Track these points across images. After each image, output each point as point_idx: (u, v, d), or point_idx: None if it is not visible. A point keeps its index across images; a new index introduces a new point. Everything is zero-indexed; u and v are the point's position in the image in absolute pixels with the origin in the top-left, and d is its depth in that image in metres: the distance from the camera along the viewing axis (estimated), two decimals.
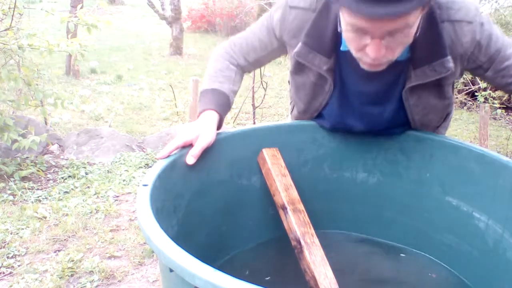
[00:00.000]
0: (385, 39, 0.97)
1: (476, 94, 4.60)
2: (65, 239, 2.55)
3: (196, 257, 0.69)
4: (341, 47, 1.14)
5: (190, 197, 1.12)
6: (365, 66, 1.07)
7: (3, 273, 2.25)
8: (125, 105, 5.45)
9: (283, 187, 1.17)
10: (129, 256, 2.43)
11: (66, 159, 3.66)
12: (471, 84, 4.69)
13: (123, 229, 2.70)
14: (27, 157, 3.51)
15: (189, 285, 0.68)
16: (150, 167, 1.57)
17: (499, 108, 4.54)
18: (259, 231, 1.31)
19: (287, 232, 1.13)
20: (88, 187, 3.20)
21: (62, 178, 3.33)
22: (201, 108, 1.20)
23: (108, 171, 3.46)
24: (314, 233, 1.10)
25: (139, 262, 2.39)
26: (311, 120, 1.32)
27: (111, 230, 2.67)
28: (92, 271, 2.27)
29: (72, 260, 2.34)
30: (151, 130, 4.61)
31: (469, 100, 5.52)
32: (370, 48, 0.98)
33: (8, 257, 2.36)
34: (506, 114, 5.26)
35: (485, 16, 1.12)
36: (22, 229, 2.61)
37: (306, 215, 1.13)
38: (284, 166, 1.22)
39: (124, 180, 3.32)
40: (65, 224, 2.66)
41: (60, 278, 2.20)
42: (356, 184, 1.33)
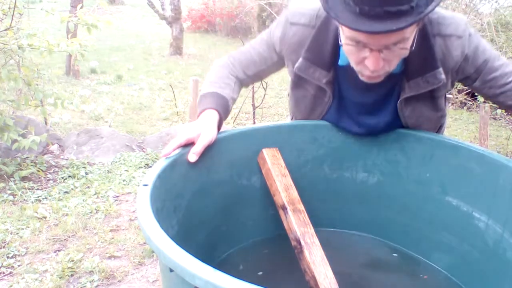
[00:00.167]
0: (383, 52, 1.03)
1: (476, 94, 4.60)
2: (65, 239, 2.55)
3: (196, 257, 0.69)
4: (339, 62, 1.20)
5: (190, 197, 1.12)
6: (364, 78, 1.13)
7: (3, 273, 2.25)
8: (125, 105, 5.45)
9: (283, 187, 1.17)
10: (129, 256, 2.43)
11: (66, 159, 3.66)
12: None
13: (123, 229, 2.70)
14: (27, 157, 3.51)
15: (189, 285, 0.68)
16: (150, 167, 1.57)
17: (499, 108, 4.54)
18: (259, 231, 1.31)
19: (287, 232, 1.13)
20: (88, 187, 3.20)
21: (62, 178, 3.33)
22: (201, 108, 1.21)
23: (108, 171, 3.46)
24: (314, 233, 1.10)
25: (139, 262, 2.39)
26: (311, 120, 1.33)
27: (111, 230, 2.67)
28: (92, 271, 2.27)
29: (72, 260, 2.34)
30: (151, 130, 4.61)
31: (469, 100, 5.52)
32: (369, 61, 1.05)
33: (8, 257, 2.36)
34: (506, 114, 5.25)
35: (473, 29, 1.18)
36: (22, 229, 2.61)
37: (306, 215, 1.13)
38: (284, 166, 1.22)
39: (124, 180, 3.32)
40: (65, 224, 2.66)
41: (60, 278, 2.20)
42: (356, 184, 1.33)
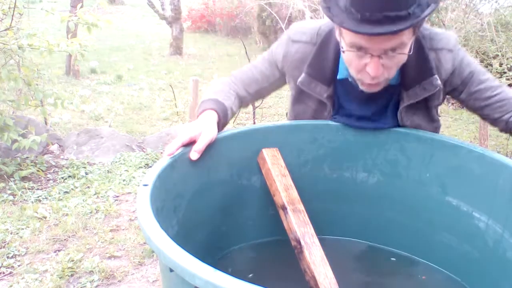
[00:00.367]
0: (383, 59, 1.09)
1: None
2: (65, 239, 2.55)
3: (196, 257, 0.69)
4: (338, 76, 1.26)
5: (190, 197, 1.12)
6: (365, 87, 1.18)
7: (3, 273, 2.25)
8: (125, 105, 5.45)
9: (283, 187, 1.17)
10: (129, 256, 2.43)
11: (66, 159, 3.66)
12: None
13: (123, 229, 2.70)
14: (27, 157, 3.51)
15: (189, 285, 0.68)
16: (150, 167, 1.58)
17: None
18: (259, 231, 1.31)
19: (287, 232, 1.13)
20: (88, 187, 3.20)
21: (62, 178, 3.33)
22: (201, 110, 1.22)
23: (108, 171, 3.46)
24: (314, 233, 1.10)
25: (139, 262, 2.39)
26: (311, 120, 1.33)
27: (111, 230, 2.67)
28: (92, 271, 2.27)
29: (72, 260, 2.34)
30: (151, 130, 4.62)
31: None
32: (370, 67, 1.10)
33: (8, 257, 2.36)
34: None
35: (460, 46, 1.28)
36: (22, 229, 2.61)
37: (306, 215, 1.13)
38: (284, 166, 1.22)
39: (124, 180, 3.32)
40: (65, 224, 2.66)
41: (60, 278, 2.20)
42: (356, 184, 1.33)
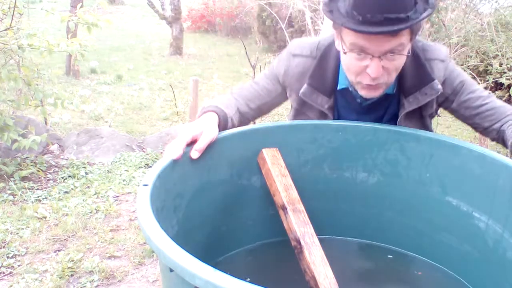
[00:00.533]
0: (383, 60, 1.13)
1: None
2: (65, 239, 2.55)
3: (196, 257, 0.69)
4: (338, 86, 1.31)
5: (190, 197, 1.12)
6: (364, 92, 1.21)
7: (3, 273, 2.25)
8: (125, 105, 5.45)
9: (283, 187, 1.17)
10: (129, 256, 2.43)
11: (66, 159, 3.66)
12: None
13: (123, 229, 2.70)
14: (27, 157, 3.51)
15: (189, 285, 0.68)
16: (150, 167, 1.57)
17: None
18: (259, 231, 1.31)
19: (287, 232, 1.13)
20: (88, 187, 3.20)
21: (62, 178, 3.33)
22: (202, 112, 1.23)
23: (108, 171, 3.46)
24: (314, 233, 1.10)
25: (139, 262, 2.39)
26: (311, 120, 1.34)
27: (111, 230, 2.67)
28: (92, 271, 2.27)
29: (72, 260, 2.34)
30: (151, 130, 4.61)
31: None
32: (371, 68, 1.14)
33: (8, 257, 2.36)
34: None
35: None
36: (22, 229, 2.61)
37: (306, 215, 1.13)
38: (284, 166, 1.22)
39: (124, 180, 3.32)
40: (65, 224, 2.66)
41: (60, 278, 2.20)
42: (356, 184, 1.33)
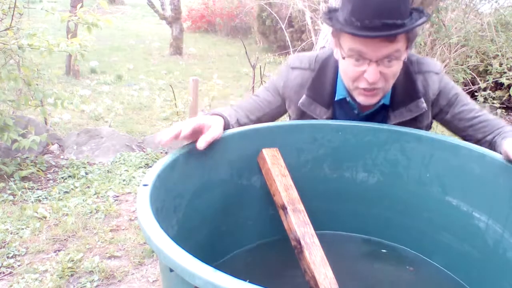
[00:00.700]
0: (380, 66, 1.17)
1: (476, 94, 4.60)
2: (65, 239, 2.55)
3: (196, 257, 0.69)
4: (336, 97, 1.35)
5: (190, 197, 1.12)
6: (362, 98, 1.25)
7: (3, 273, 2.25)
8: (125, 105, 5.45)
9: (283, 187, 1.17)
10: (129, 256, 2.43)
11: (66, 159, 3.66)
12: (471, 84, 4.70)
13: (123, 229, 2.70)
14: (27, 157, 3.51)
15: (189, 285, 0.68)
16: (150, 167, 1.58)
17: (499, 108, 4.54)
18: (259, 231, 1.31)
19: (287, 232, 1.13)
20: (88, 187, 3.20)
21: (62, 178, 3.33)
22: (205, 115, 1.23)
23: (108, 171, 3.46)
24: (314, 233, 1.10)
25: (139, 262, 2.39)
26: (311, 120, 1.34)
27: (111, 230, 2.67)
28: (92, 271, 2.27)
29: (72, 260, 2.34)
30: (151, 130, 4.61)
31: None
32: (368, 73, 1.18)
33: (8, 257, 2.36)
34: (506, 114, 5.25)
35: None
36: (22, 229, 2.61)
37: (306, 215, 1.13)
38: (284, 166, 1.22)
39: (124, 180, 3.32)
40: (65, 224, 2.66)
41: (60, 278, 2.20)
42: (356, 184, 1.33)
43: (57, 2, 3.92)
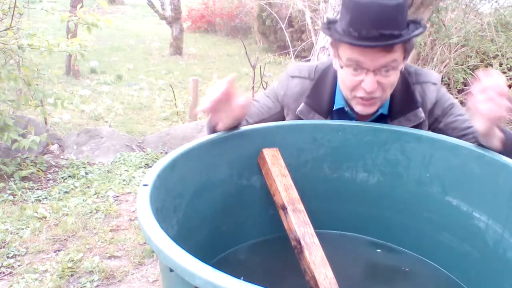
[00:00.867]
0: (377, 75, 1.20)
1: None
2: (65, 239, 2.55)
3: (196, 257, 0.69)
4: (334, 106, 1.36)
5: (190, 197, 1.12)
6: (359, 108, 1.27)
7: (3, 273, 2.25)
8: (125, 105, 5.46)
9: (283, 187, 1.17)
10: (129, 256, 2.43)
11: (66, 159, 3.66)
12: (471, 84, 4.69)
13: (123, 229, 2.70)
14: (27, 157, 3.51)
15: (189, 285, 0.68)
16: (150, 167, 1.58)
17: None
18: (259, 231, 1.31)
19: (287, 232, 1.13)
20: (88, 187, 3.20)
21: (62, 178, 3.33)
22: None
23: (108, 171, 3.46)
24: (314, 233, 1.10)
25: (139, 262, 2.39)
26: (311, 120, 1.34)
27: (111, 230, 2.67)
28: (92, 271, 2.27)
29: (72, 260, 2.34)
30: (151, 130, 4.62)
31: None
32: (366, 82, 1.20)
33: (8, 257, 2.37)
34: None
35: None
36: (22, 229, 2.61)
37: (306, 215, 1.13)
38: (284, 166, 1.22)
39: (124, 180, 3.32)
40: (65, 224, 2.66)
41: (60, 278, 2.20)
42: (356, 184, 1.33)
43: (57, 2, 3.92)
